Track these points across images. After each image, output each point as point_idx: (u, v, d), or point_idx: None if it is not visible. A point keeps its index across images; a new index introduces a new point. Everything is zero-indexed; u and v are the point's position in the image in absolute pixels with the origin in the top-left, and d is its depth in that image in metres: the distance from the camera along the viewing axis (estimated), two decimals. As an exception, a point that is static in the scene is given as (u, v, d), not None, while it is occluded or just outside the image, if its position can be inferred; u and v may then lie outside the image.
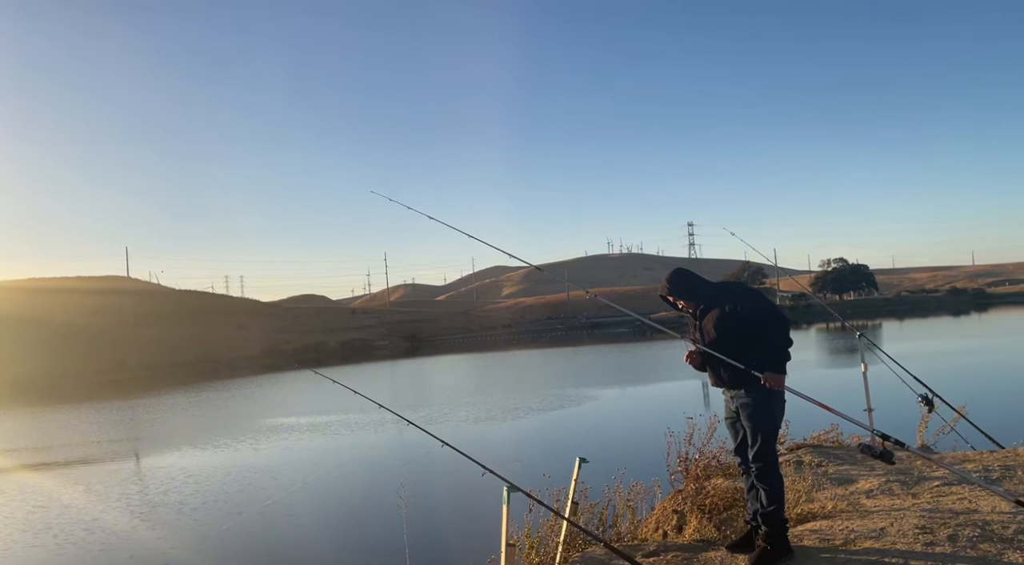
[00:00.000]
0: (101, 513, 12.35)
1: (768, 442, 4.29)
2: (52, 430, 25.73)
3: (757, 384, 4.28)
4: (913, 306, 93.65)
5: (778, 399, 4.35)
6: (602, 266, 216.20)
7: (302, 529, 10.94)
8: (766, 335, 4.27)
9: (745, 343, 4.32)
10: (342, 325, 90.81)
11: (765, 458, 4.27)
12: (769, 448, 4.30)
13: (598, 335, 76.42)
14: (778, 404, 4.35)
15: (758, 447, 4.28)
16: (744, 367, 4.29)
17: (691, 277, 4.63)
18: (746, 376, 4.31)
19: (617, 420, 19.68)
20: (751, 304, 4.41)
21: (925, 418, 7.46)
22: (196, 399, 35.20)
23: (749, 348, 4.30)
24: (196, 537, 10.66)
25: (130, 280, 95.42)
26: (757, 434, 4.29)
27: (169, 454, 18.53)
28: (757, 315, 4.34)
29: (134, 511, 12.42)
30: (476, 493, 10.46)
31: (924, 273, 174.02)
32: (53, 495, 14.25)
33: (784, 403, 4.42)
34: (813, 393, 4.57)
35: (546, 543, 5.19)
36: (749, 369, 4.29)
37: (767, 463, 4.27)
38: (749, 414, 4.32)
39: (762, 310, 4.37)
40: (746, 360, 4.29)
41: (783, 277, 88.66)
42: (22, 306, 72.89)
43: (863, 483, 5.82)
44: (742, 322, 4.33)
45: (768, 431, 4.30)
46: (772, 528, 4.21)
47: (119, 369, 59.32)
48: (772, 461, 4.30)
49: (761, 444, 4.27)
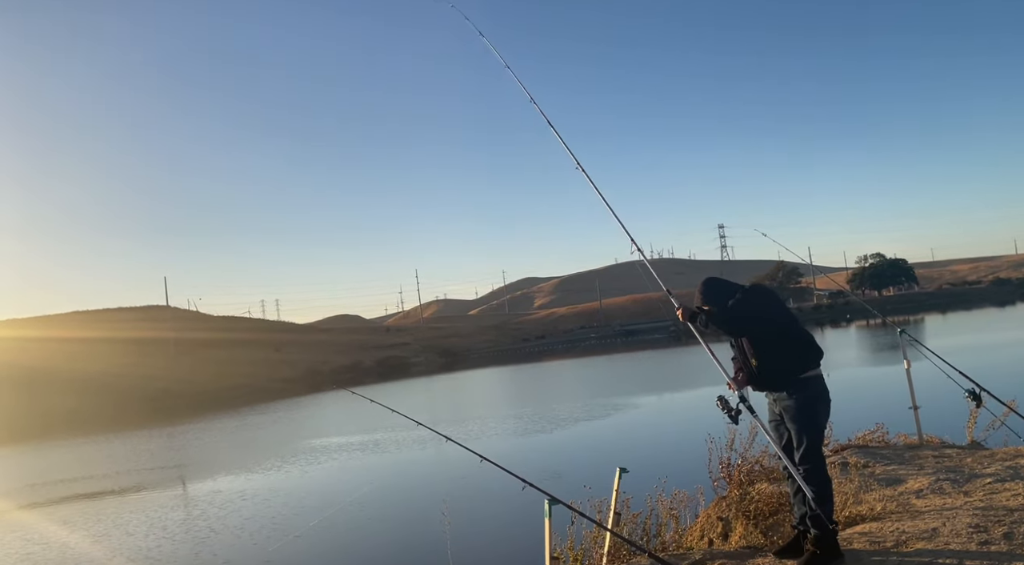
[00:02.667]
0: (162, 540, 12.58)
1: (814, 443, 4.25)
2: (114, 458, 26.42)
3: (799, 385, 4.26)
4: (955, 299, 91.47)
5: (822, 400, 4.32)
6: (633, 273, 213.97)
7: (349, 547, 11.06)
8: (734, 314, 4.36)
9: (773, 344, 4.32)
10: (377, 344, 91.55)
11: (812, 459, 4.23)
12: (815, 449, 4.26)
13: (633, 342, 75.97)
14: (822, 405, 4.33)
15: (804, 448, 4.24)
16: (785, 369, 4.28)
17: (720, 284, 4.62)
18: (788, 378, 4.30)
19: (655, 428, 19.51)
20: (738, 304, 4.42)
21: (973, 414, 7.27)
22: (242, 423, 35.78)
23: (781, 349, 4.30)
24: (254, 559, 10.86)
25: (170, 309, 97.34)
26: (803, 436, 4.26)
27: (223, 478, 18.82)
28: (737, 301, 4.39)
29: (196, 535, 12.68)
30: (517, 507, 10.42)
31: (965, 264, 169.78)
32: (119, 522, 14.54)
33: (828, 403, 4.38)
34: (855, 391, 4.51)
35: (590, 555, 5.16)
36: (791, 372, 4.27)
37: (814, 464, 4.22)
38: (793, 416, 4.29)
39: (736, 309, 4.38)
40: (785, 362, 4.28)
41: (819, 275, 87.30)
42: (69, 340, 74.67)
43: (912, 483, 5.70)
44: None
45: (814, 432, 4.26)
46: (821, 531, 4.15)
47: (164, 397, 60.48)
48: (819, 462, 4.25)
49: (807, 446, 4.23)
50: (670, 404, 24.82)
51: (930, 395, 7.83)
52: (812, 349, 4.38)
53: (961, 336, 39.16)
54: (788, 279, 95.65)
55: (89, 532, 13.90)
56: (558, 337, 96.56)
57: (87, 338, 74.55)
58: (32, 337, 75.71)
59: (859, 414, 10.69)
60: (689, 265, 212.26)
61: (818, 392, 4.32)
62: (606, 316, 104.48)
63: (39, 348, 70.90)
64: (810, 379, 4.31)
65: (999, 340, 33.23)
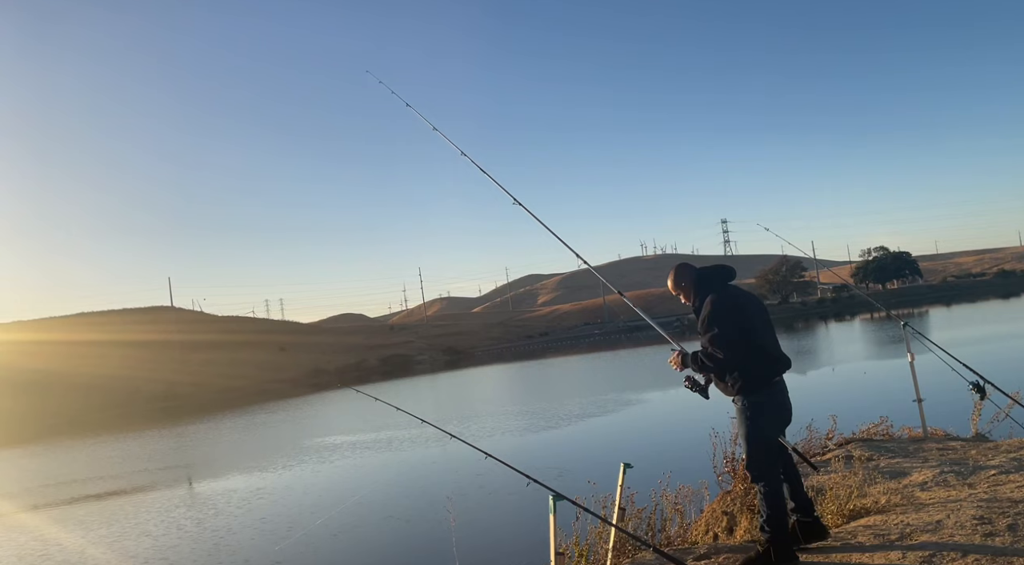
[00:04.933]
0: (179, 539, 12.65)
1: (755, 451, 4.16)
2: (125, 459, 26.67)
3: (741, 392, 4.18)
4: (960, 291, 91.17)
5: (768, 405, 4.17)
6: (636, 268, 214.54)
7: (355, 544, 11.10)
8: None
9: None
10: (382, 342, 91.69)
11: (752, 468, 4.18)
12: (756, 458, 4.16)
13: (637, 338, 75.82)
14: (767, 410, 4.16)
15: (746, 456, 4.23)
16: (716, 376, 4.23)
17: (685, 270, 4.45)
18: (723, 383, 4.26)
19: (659, 423, 19.52)
20: (704, 304, 4.24)
21: (978, 406, 7.27)
22: (251, 422, 35.97)
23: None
24: (262, 555, 10.98)
25: (174, 310, 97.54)
26: (744, 443, 4.24)
27: (237, 477, 18.91)
28: (703, 317, 4.20)
29: (214, 534, 12.78)
30: (522, 503, 10.49)
31: (970, 257, 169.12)
32: (138, 522, 14.59)
33: (782, 407, 4.24)
34: (859, 384, 4.50)
35: (595, 550, 5.18)
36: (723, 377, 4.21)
37: (756, 473, 4.17)
38: (737, 422, 4.26)
39: (706, 313, 4.19)
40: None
41: (822, 269, 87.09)
42: (77, 343, 74.82)
43: (917, 475, 5.71)
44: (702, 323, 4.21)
45: (754, 440, 4.16)
46: (770, 534, 4.14)
47: (171, 397, 60.69)
48: (762, 470, 4.15)
49: (748, 454, 4.20)
50: (674, 399, 24.79)
51: (934, 388, 7.83)
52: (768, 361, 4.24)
53: (965, 328, 39.06)
54: (792, 273, 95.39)
55: (105, 532, 13.96)
56: (562, 334, 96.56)
57: (94, 341, 74.69)
58: (41, 340, 75.98)
59: (863, 407, 10.71)
60: (692, 260, 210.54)
61: (760, 402, 4.16)
62: (610, 312, 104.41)
63: (47, 351, 71.21)
64: (755, 390, 4.17)
65: (1003, 332, 33.14)
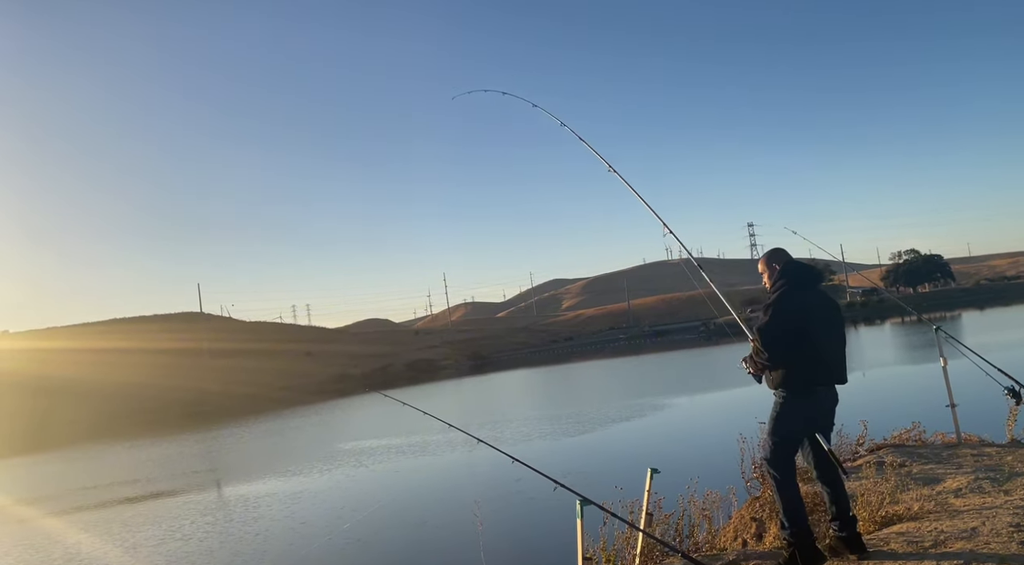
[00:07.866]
0: (217, 542, 12.79)
1: (777, 448, 4.13)
2: (162, 462, 27.09)
3: (778, 388, 4.18)
4: (994, 295, 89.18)
5: (801, 406, 4.13)
6: (661, 273, 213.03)
7: (383, 547, 11.15)
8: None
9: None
10: (407, 347, 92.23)
11: (770, 463, 4.15)
12: (776, 454, 4.12)
13: (663, 343, 75.45)
14: (799, 410, 4.13)
15: (766, 450, 4.19)
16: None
17: (780, 254, 4.41)
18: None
19: (687, 428, 19.36)
20: (772, 289, 4.26)
21: (1013, 411, 7.12)
22: (284, 426, 36.35)
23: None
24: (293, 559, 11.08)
25: (204, 316, 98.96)
26: (768, 432, 4.21)
27: (266, 481, 19.07)
28: (766, 304, 4.23)
29: (242, 535, 12.94)
30: (549, 507, 10.46)
31: (1004, 259, 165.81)
32: (174, 526, 14.73)
33: (811, 420, 4.17)
34: (892, 390, 4.44)
35: (623, 556, 5.16)
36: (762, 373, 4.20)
37: (772, 469, 4.13)
38: (770, 415, 4.25)
39: (769, 301, 4.21)
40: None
41: (851, 273, 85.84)
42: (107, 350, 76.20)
43: (950, 482, 5.61)
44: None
45: (778, 437, 4.14)
46: (789, 536, 4.09)
47: (202, 402, 61.56)
48: (779, 468, 4.11)
49: (769, 448, 4.17)
50: (701, 404, 24.61)
51: (968, 393, 7.68)
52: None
53: (999, 332, 38.20)
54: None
55: (147, 534, 14.17)
56: (587, 338, 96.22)
57: (125, 349, 75.99)
58: (75, 348, 77.51)
59: (895, 413, 10.52)
60: (719, 264, 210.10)
61: (791, 404, 4.13)
62: (635, 317, 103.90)
63: (80, 358, 72.58)
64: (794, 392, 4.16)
65: (1040, 336, 32.37)
